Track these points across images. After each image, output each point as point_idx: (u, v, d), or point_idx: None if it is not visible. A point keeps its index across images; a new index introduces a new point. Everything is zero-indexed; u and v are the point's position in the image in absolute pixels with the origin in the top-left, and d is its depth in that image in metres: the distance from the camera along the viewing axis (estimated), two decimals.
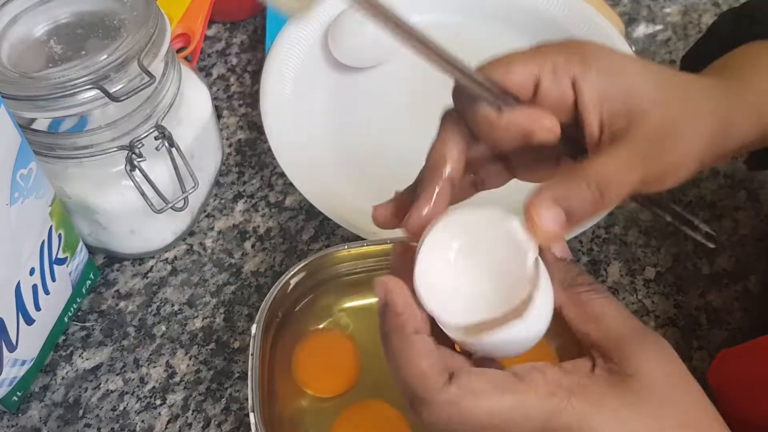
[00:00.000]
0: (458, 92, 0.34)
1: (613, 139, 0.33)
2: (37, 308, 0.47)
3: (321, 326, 0.49)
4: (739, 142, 0.38)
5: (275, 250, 0.57)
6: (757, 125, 0.39)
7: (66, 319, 0.52)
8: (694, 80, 0.38)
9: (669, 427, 0.31)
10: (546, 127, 0.33)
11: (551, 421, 0.31)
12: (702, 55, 0.47)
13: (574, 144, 0.35)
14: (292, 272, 0.47)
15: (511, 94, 0.33)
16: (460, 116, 0.34)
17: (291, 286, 0.47)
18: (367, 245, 0.49)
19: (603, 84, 0.33)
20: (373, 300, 0.50)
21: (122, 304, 0.54)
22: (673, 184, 0.34)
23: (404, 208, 0.35)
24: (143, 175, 0.48)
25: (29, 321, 0.46)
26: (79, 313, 0.54)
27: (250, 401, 0.42)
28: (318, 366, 0.47)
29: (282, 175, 0.61)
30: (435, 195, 0.33)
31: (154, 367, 0.51)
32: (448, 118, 0.35)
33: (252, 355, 0.43)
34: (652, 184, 0.34)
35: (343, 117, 0.63)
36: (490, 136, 0.33)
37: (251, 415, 0.41)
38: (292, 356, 0.47)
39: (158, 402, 0.50)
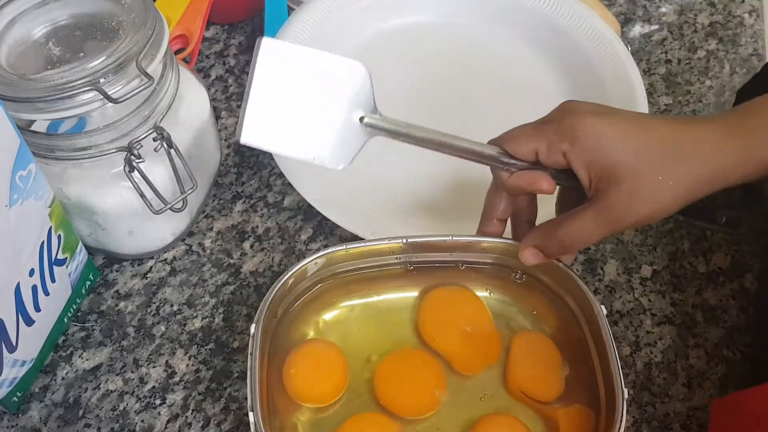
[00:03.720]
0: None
1: (596, 194, 0.42)
2: (37, 309, 0.47)
3: (320, 325, 0.49)
4: (744, 179, 0.43)
5: (274, 250, 0.57)
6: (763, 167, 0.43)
7: (66, 320, 0.52)
8: (689, 131, 0.43)
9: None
10: (543, 188, 0.44)
11: None
12: (756, 91, 0.47)
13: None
14: (291, 272, 0.47)
15: (521, 159, 0.44)
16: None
17: (289, 286, 0.47)
18: (365, 245, 0.49)
19: (587, 156, 0.42)
20: (372, 299, 0.50)
21: (122, 304, 0.54)
22: (650, 222, 0.46)
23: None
24: (142, 176, 0.48)
25: (29, 322, 0.46)
26: (79, 314, 0.54)
27: (249, 400, 0.42)
28: (308, 378, 0.47)
29: (280, 175, 0.61)
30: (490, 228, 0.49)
31: (154, 367, 0.52)
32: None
33: (251, 354, 0.43)
34: (621, 230, 0.47)
35: None
36: (508, 189, 0.46)
37: (250, 414, 0.41)
38: (282, 372, 0.47)
39: (158, 402, 0.50)
